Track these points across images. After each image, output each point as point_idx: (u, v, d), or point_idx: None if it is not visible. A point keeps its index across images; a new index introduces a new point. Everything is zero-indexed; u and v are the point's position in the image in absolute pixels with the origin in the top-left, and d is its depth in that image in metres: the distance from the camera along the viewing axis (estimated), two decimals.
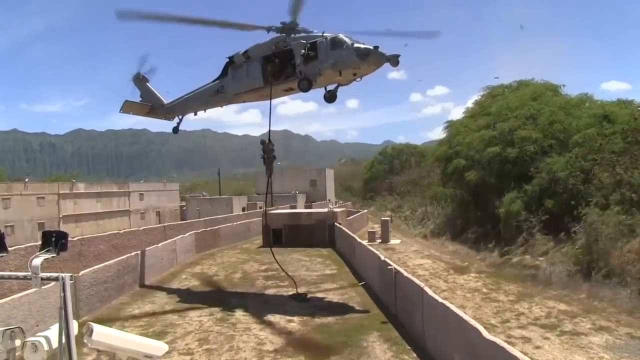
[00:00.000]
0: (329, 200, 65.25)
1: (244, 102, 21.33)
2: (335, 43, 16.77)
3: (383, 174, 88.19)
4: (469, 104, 42.92)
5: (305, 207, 52.81)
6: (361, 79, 17.49)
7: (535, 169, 26.32)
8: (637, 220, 19.29)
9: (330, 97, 18.96)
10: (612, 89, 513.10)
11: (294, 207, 50.36)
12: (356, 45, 16.43)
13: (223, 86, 19.90)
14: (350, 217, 40.32)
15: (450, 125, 40.58)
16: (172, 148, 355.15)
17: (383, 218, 40.86)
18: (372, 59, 16.27)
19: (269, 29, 17.84)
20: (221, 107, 21.44)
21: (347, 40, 16.65)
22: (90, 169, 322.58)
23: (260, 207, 55.88)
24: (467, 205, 33.34)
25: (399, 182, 75.16)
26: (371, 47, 16.18)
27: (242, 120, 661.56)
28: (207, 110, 21.85)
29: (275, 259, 20.38)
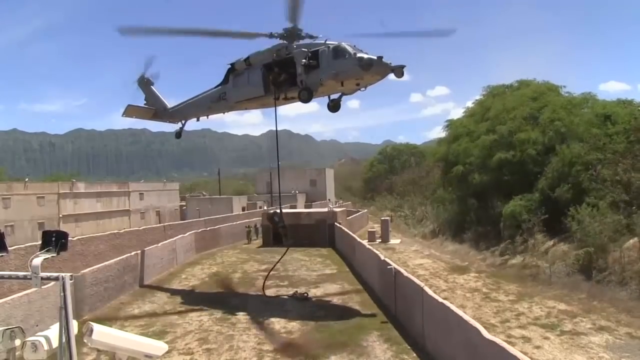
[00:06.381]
0: (329, 200, 65.23)
1: (246, 109, 21.25)
2: (338, 52, 16.17)
3: (383, 173, 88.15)
4: (469, 103, 42.75)
5: (305, 207, 52.79)
6: (365, 88, 16.74)
7: (541, 170, 26.34)
8: (636, 220, 19.29)
9: (334, 107, 18.45)
10: (610, 89, 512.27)
11: (294, 207, 50.35)
12: (359, 55, 15.75)
13: (225, 93, 19.67)
14: (350, 217, 40.33)
15: (450, 125, 40.55)
16: (172, 148, 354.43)
17: (383, 218, 40.88)
18: (375, 69, 15.50)
19: (271, 36, 17.44)
20: (223, 113, 21.31)
21: (349, 49, 16.01)
22: (90, 169, 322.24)
23: (260, 207, 55.91)
24: (468, 205, 33.33)
25: (399, 182, 75.14)
26: (374, 57, 15.42)
27: (242, 120, 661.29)
28: (209, 116, 21.76)
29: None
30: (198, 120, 22.16)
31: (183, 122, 22.52)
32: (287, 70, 17.37)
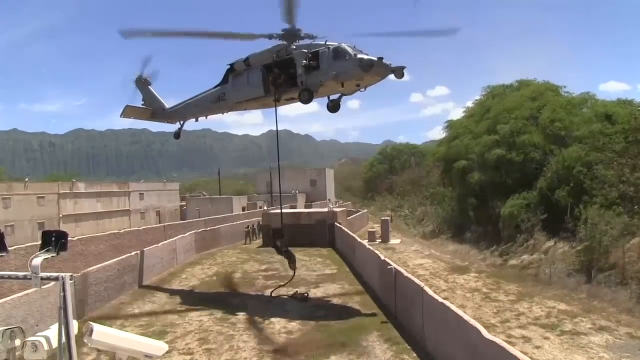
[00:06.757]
0: (329, 200, 65.21)
1: (246, 109, 21.21)
2: (338, 53, 16.14)
3: (383, 173, 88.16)
4: (469, 103, 42.91)
5: (305, 207, 52.78)
6: (365, 89, 16.75)
7: (539, 168, 26.41)
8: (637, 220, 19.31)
9: (333, 107, 18.39)
10: (610, 89, 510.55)
11: (294, 207, 50.35)
12: (359, 56, 15.75)
13: (224, 93, 19.58)
14: (350, 217, 40.31)
15: (450, 125, 40.62)
16: (172, 148, 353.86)
17: (383, 218, 40.86)
18: (375, 70, 15.50)
19: (270, 37, 17.36)
20: (222, 114, 21.20)
21: (349, 50, 16.01)
22: (90, 169, 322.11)
23: (260, 207, 55.92)
24: (467, 205, 33.37)
25: (399, 181, 75.21)
26: (375, 58, 15.44)
27: (242, 120, 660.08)
28: (208, 117, 21.65)
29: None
30: (197, 120, 22.09)
31: (181, 122, 22.45)
32: (287, 71, 17.27)
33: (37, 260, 4.43)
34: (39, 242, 4.80)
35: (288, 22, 16.63)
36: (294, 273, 18.85)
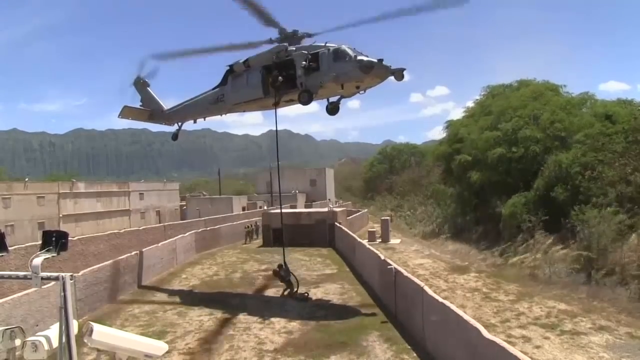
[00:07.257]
0: (329, 199, 65.22)
1: (245, 111, 20.99)
2: (338, 54, 16.14)
3: (383, 173, 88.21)
4: (469, 103, 43.07)
5: (305, 207, 52.78)
6: (365, 91, 16.71)
7: (539, 168, 26.46)
8: (638, 220, 19.32)
9: (332, 110, 18.35)
10: (610, 89, 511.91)
11: (294, 207, 50.35)
12: (359, 57, 15.74)
13: (223, 95, 19.51)
14: (350, 217, 40.31)
15: (451, 125, 40.66)
16: (172, 148, 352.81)
17: (383, 217, 40.85)
18: (375, 72, 15.51)
19: (271, 41, 17.46)
20: (221, 115, 21.06)
21: (349, 51, 15.99)
22: (90, 168, 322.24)
23: (260, 207, 55.94)
24: (468, 204, 33.37)
25: (399, 181, 75.29)
26: (375, 60, 15.45)
27: (242, 120, 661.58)
28: (206, 119, 21.57)
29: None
30: (195, 122, 21.98)
31: (180, 124, 22.36)
32: (286, 72, 17.21)
33: (38, 260, 4.43)
34: (39, 242, 4.80)
35: (274, 25, 16.84)
36: (295, 292, 18.56)
